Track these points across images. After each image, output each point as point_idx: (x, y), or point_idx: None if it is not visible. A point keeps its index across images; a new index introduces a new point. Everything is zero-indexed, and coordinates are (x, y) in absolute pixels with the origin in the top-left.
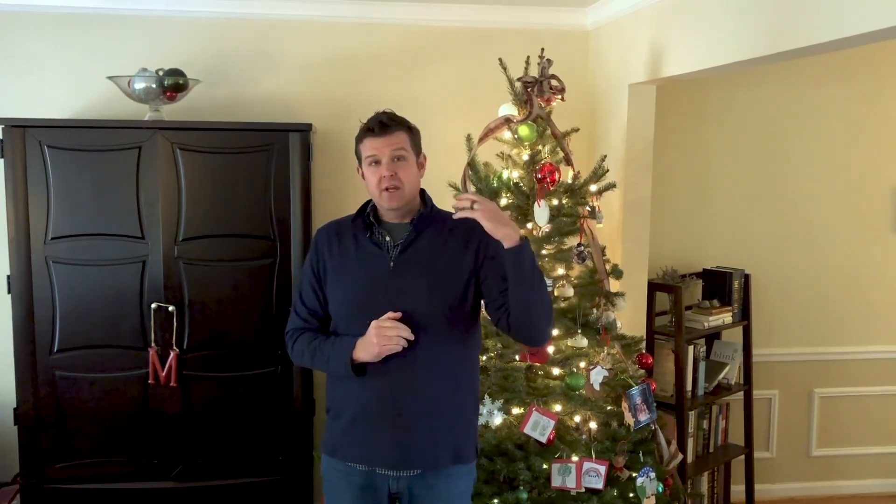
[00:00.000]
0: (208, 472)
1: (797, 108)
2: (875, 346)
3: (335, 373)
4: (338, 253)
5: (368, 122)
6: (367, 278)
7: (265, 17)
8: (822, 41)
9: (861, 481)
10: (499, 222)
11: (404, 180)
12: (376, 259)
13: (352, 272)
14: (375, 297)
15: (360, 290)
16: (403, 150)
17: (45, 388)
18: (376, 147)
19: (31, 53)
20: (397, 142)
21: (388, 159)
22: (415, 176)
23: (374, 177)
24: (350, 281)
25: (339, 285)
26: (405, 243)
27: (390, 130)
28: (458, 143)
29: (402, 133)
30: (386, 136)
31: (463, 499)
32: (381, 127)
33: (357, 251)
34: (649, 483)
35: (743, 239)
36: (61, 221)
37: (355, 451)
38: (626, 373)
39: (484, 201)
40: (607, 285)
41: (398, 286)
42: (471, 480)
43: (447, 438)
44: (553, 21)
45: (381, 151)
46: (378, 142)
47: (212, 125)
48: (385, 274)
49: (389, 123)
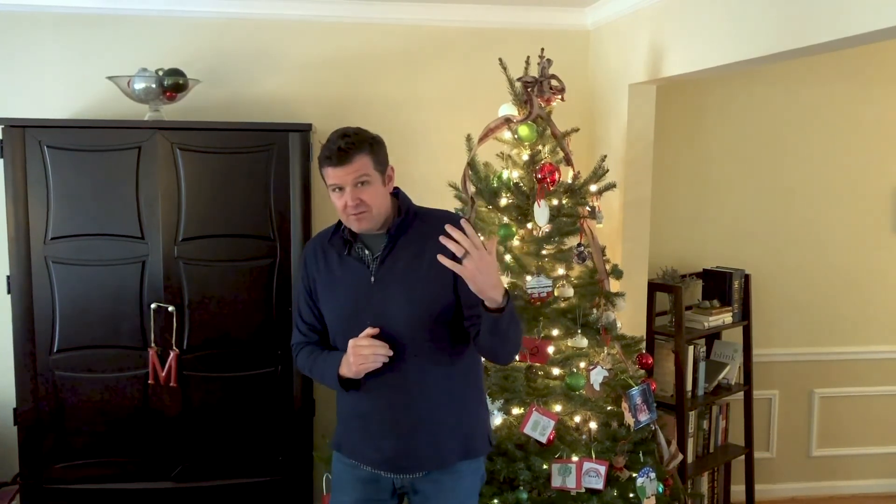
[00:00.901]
0: (208, 473)
1: (797, 108)
2: (875, 346)
3: (330, 387)
4: (324, 269)
5: (326, 149)
6: (352, 293)
7: (265, 17)
8: (822, 41)
9: (861, 481)
10: (486, 284)
11: (371, 203)
12: (359, 273)
13: (338, 288)
14: (359, 311)
15: (347, 306)
16: (366, 175)
17: (45, 388)
18: (338, 175)
19: (31, 53)
20: (357, 168)
21: (351, 186)
22: (381, 195)
23: (340, 202)
24: (336, 296)
25: (328, 301)
26: (382, 255)
27: (349, 158)
28: (458, 143)
29: (362, 157)
30: (345, 165)
31: (470, 496)
32: (339, 156)
33: (341, 266)
34: (649, 483)
35: (743, 239)
36: (61, 221)
37: (358, 451)
38: (626, 373)
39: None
40: (607, 285)
41: (379, 299)
42: (478, 477)
43: (452, 438)
44: (553, 21)
45: (342, 180)
46: (339, 171)
47: (212, 125)
48: (367, 288)
49: (348, 149)
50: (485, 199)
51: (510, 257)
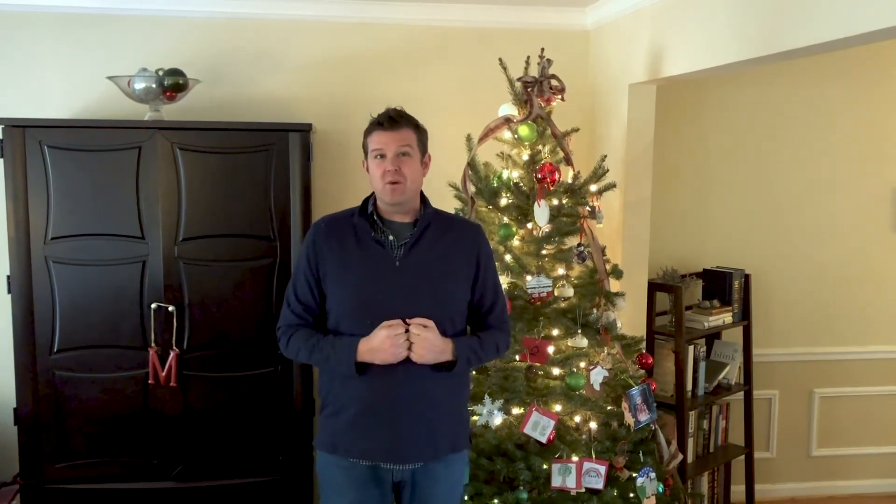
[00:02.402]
0: (208, 472)
1: (797, 108)
2: (875, 346)
3: (334, 371)
4: (338, 249)
5: (378, 116)
6: (373, 277)
7: (265, 17)
8: (822, 41)
9: (861, 481)
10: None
11: (408, 176)
12: (381, 257)
13: (355, 270)
14: (381, 296)
15: (365, 289)
16: (409, 146)
17: (45, 388)
18: (383, 141)
19: (31, 53)
20: (404, 138)
21: (394, 154)
22: (418, 173)
23: (379, 170)
24: (354, 279)
25: (342, 283)
26: (410, 242)
27: (398, 126)
28: (458, 143)
29: (409, 130)
30: (394, 130)
31: (459, 484)
32: (389, 122)
33: (359, 248)
34: (649, 483)
35: (743, 239)
36: (61, 221)
37: (357, 447)
38: (626, 373)
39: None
40: (607, 285)
41: (404, 286)
42: (466, 466)
43: (445, 431)
44: (553, 21)
45: (387, 146)
46: (386, 136)
47: (212, 125)
48: (391, 273)
49: (398, 119)
50: (485, 199)
51: (510, 257)
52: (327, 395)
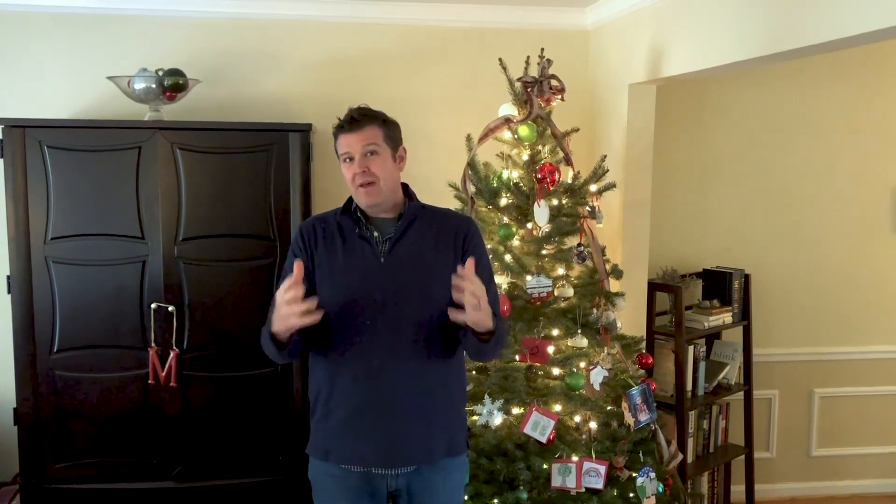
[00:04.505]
0: (208, 472)
1: (797, 108)
2: (875, 346)
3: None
4: (325, 247)
5: (341, 120)
6: (359, 273)
7: (265, 17)
8: (822, 41)
9: (861, 481)
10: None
11: (378, 174)
12: (366, 254)
13: (342, 267)
14: (368, 292)
15: (353, 286)
16: (375, 144)
17: (45, 388)
18: (348, 143)
19: (31, 53)
20: (368, 136)
21: (360, 155)
22: (391, 169)
23: (349, 173)
24: (341, 276)
25: (330, 280)
26: (395, 238)
27: (361, 126)
28: (458, 143)
29: (374, 127)
30: (357, 131)
31: (458, 491)
32: (351, 123)
33: (345, 246)
34: (649, 483)
35: (743, 239)
36: (61, 221)
37: (349, 450)
38: (626, 373)
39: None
40: (607, 285)
41: (390, 281)
42: (464, 472)
43: (440, 432)
44: (553, 21)
45: (352, 147)
46: (350, 137)
47: (212, 125)
48: (376, 269)
49: (360, 119)
50: (485, 199)
51: (510, 257)
52: (317, 399)
